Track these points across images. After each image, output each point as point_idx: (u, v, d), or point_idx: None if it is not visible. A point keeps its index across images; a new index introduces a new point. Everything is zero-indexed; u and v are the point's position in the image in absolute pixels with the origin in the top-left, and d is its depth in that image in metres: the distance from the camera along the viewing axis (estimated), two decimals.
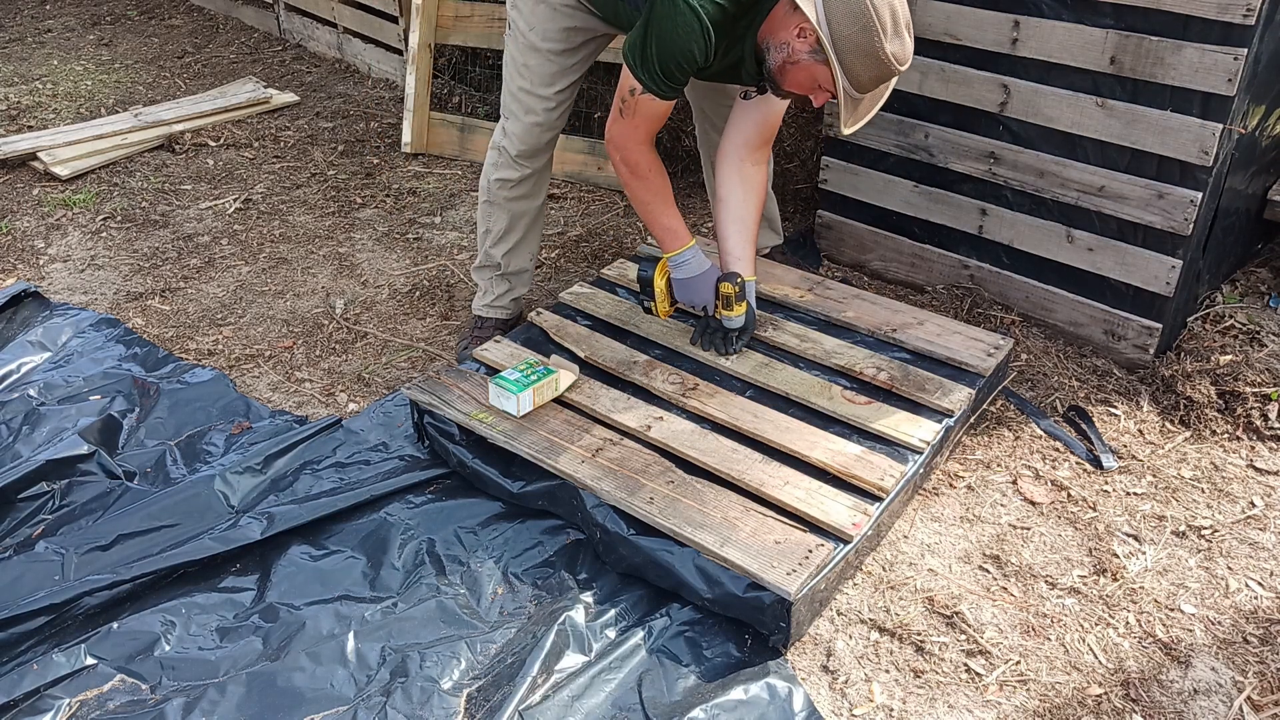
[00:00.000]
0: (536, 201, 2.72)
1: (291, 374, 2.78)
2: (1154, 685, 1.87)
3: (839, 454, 2.15)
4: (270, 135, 4.29)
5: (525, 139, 2.56)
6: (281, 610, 2.02)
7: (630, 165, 2.30)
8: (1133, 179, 2.51)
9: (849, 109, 2.03)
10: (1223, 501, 2.29)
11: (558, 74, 2.49)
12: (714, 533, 1.96)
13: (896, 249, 3.05)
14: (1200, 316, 2.76)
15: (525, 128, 2.55)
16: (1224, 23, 2.24)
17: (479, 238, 2.77)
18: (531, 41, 2.47)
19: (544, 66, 2.48)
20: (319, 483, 2.35)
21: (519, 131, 2.56)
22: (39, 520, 2.25)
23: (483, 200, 2.71)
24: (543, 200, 2.75)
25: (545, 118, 2.53)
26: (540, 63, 2.48)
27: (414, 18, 4.02)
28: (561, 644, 1.90)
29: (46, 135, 4.13)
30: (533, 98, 2.51)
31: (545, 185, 2.73)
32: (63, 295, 3.16)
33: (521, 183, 2.64)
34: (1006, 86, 2.63)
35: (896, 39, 1.97)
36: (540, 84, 2.50)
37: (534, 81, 2.50)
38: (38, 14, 6.02)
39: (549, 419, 2.28)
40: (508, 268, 2.77)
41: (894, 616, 2.01)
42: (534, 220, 2.76)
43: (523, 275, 2.82)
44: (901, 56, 1.99)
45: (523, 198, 2.68)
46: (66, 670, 1.89)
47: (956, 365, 2.44)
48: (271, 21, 5.49)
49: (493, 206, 2.70)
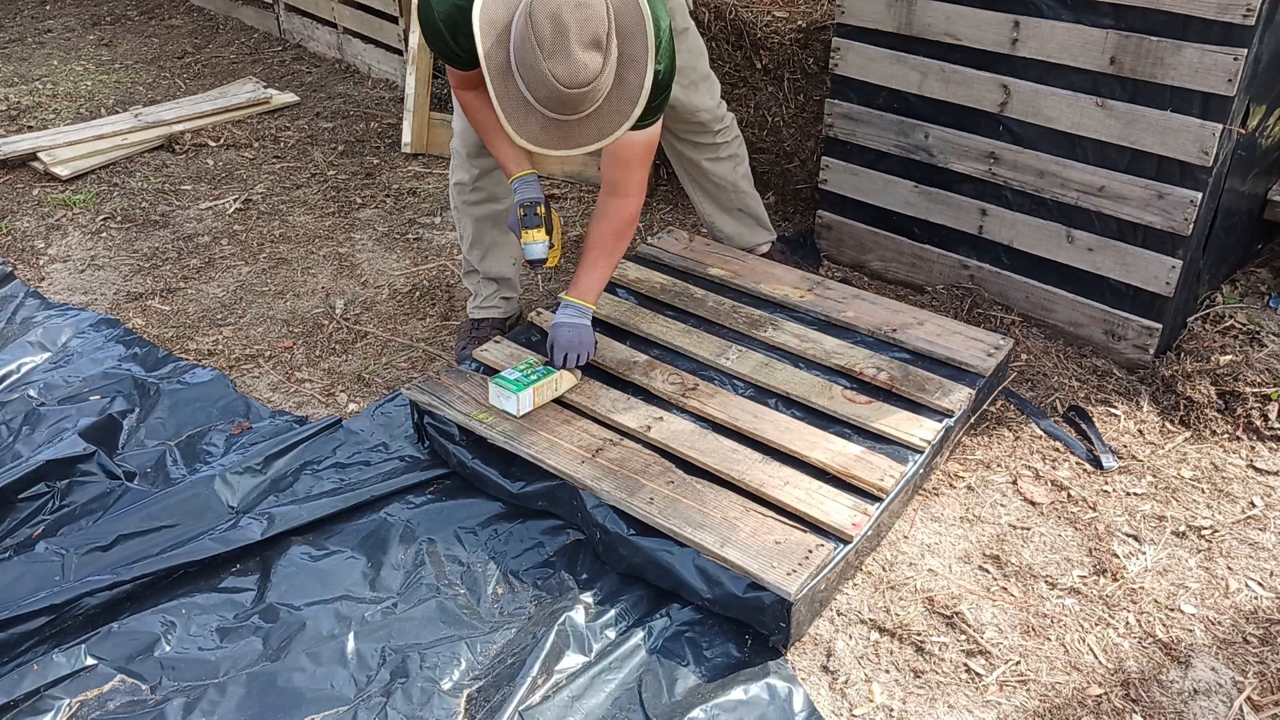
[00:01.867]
0: (499, 206, 2.67)
1: (291, 374, 2.78)
2: (1154, 685, 1.87)
3: (839, 454, 2.15)
4: (270, 135, 4.29)
5: (466, 136, 2.56)
6: (281, 610, 2.02)
7: (462, 103, 2.35)
8: (1133, 179, 2.51)
9: (509, 114, 1.96)
10: (1223, 501, 2.29)
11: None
12: (714, 533, 1.96)
13: (896, 249, 3.05)
14: (1200, 316, 2.76)
15: (465, 125, 2.54)
16: (1224, 23, 2.24)
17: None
18: None
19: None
20: (319, 483, 2.35)
21: (461, 128, 2.56)
22: (39, 520, 2.25)
23: (451, 207, 2.74)
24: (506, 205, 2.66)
25: None
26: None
27: (414, 18, 4.02)
28: (561, 644, 1.90)
29: (46, 135, 4.13)
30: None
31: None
32: (63, 295, 3.16)
33: (476, 187, 2.62)
34: (1006, 86, 2.63)
35: (561, 56, 1.86)
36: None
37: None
38: (38, 14, 6.02)
39: (549, 419, 2.28)
40: (487, 272, 2.76)
41: (894, 616, 2.01)
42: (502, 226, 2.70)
43: (506, 280, 2.79)
44: (562, 76, 1.87)
45: (481, 203, 2.65)
46: (66, 670, 1.89)
47: (957, 365, 2.44)
48: (271, 21, 5.49)
49: (457, 213, 2.71)
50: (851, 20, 2.84)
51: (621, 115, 1.99)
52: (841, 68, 2.92)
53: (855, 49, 2.87)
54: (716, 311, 2.67)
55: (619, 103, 1.99)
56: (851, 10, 2.83)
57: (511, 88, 1.96)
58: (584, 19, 1.86)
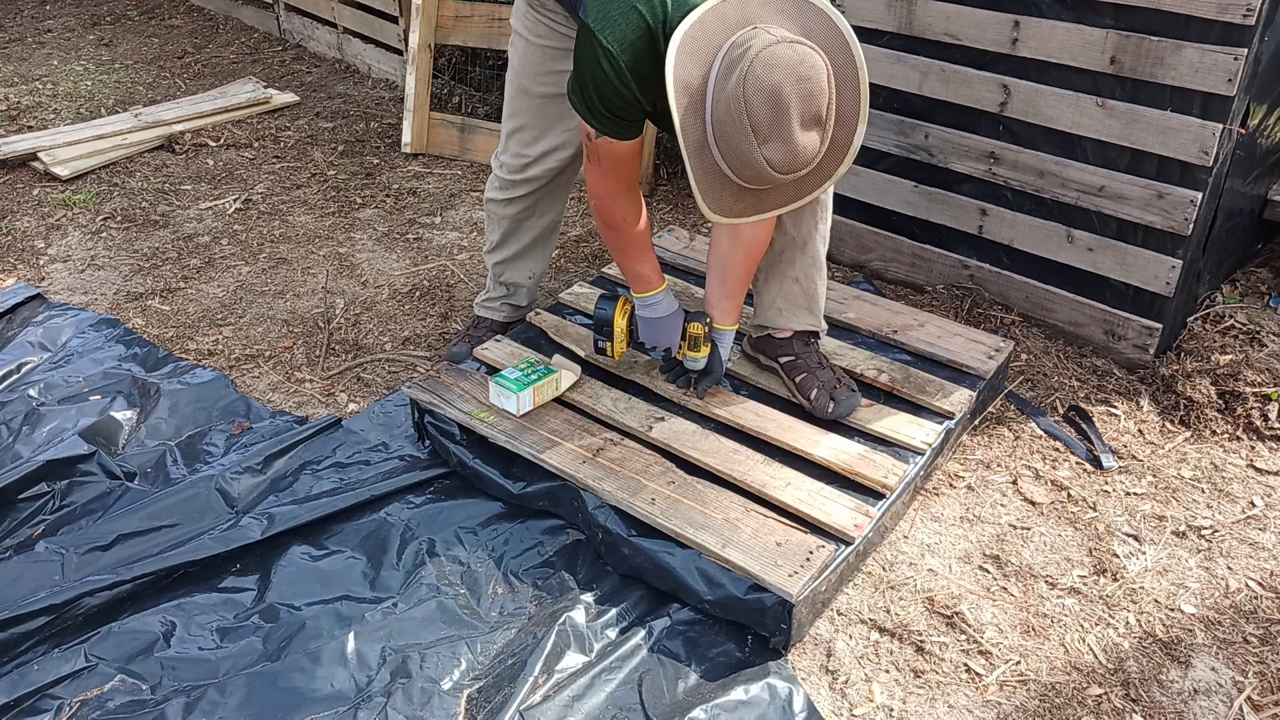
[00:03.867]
0: (538, 220, 2.59)
1: (291, 374, 2.78)
2: (1154, 685, 1.87)
3: (842, 452, 2.16)
4: (270, 135, 4.29)
5: (513, 170, 2.46)
6: (282, 610, 2.01)
7: (604, 216, 2.13)
8: (1133, 179, 2.51)
9: (704, 189, 1.76)
10: (1223, 501, 2.29)
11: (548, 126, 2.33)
12: (715, 534, 1.96)
13: (896, 249, 3.05)
14: (1200, 316, 2.76)
15: (514, 166, 2.45)
16: (1224, 23, 2.24)
17: None
18: (522, 84, 2.31)
19: (534, 113, 2.33)
20: (319, 483, 2.35)
21: (510, 163, 2.46)
22: (39, 520, 2.25)
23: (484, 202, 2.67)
24: (548, 221, 2.61)
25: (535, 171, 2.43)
26: (531, 108, 2.33)
27: (414, 18, 4.02)
28: (562, 644, 1.90)
29: (46, 135, 4.12)
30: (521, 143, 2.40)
31: (552, 206, 2.59)
32: (63, 295, 3.16)
33: (510, 203, 2.53)
34: (1006, 86, 2.63)
35: (777, 142, 1.66)
36: (530, 136, 2.36)
37: (525, 127, 2.36)
38: (38, 14, 6.02)
39: (550, 419, 2.28)
40: (500, 276, 2.70)
41: (894, 616, 2.01)
42: (534, 241, 2.63)
43: (519, 290, 2.71)
44: (778, 163, 1.67)
45: (517, 216, 2.57)
46: (67, 670, 1.89)
47: (957, 367, 2.44)
48: (271, 21, 5.49)
49: (489, 217, 2.63)
50: (851, 20, 2.83)
51: (824, 175, 1.77)
52: None
53: None
54: None
55: (826, 163, 1.76)
56: (851, 10, 2.83)
57: (708, 162, 1.75)
58: (807, 94, 1.63)
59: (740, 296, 2.27)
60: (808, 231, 2.25)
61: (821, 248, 2.30)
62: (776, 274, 2.31)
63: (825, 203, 2.27)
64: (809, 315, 2.34)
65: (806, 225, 2.24)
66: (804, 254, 2.28)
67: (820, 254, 2.30)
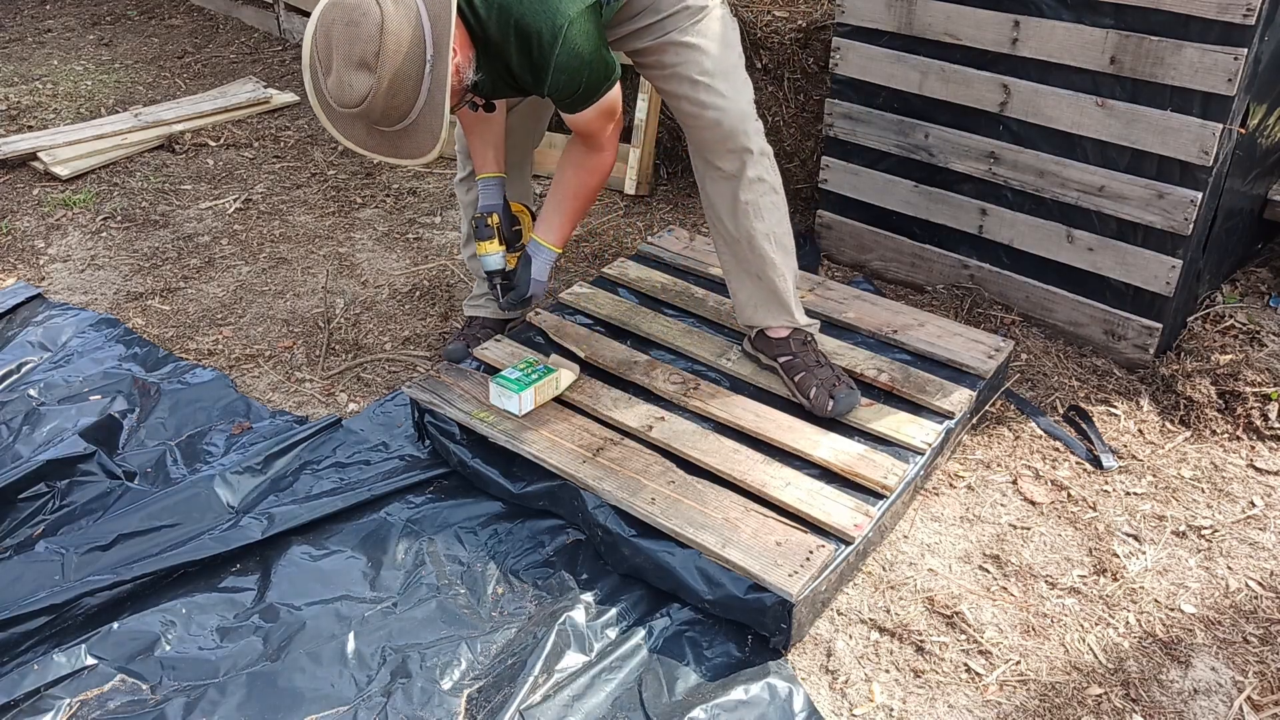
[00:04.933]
0: None
1: (291, 374, 2.78)
2: (1154, 685, 1.87)
3: (842, 452, 2.16)
4: (270, 135, 4.29)
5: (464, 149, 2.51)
6: (282, 610, 2.02)
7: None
8: (1133, 179, 2.51)
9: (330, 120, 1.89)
10: (1223, 501, 2.29)
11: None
12: (715, 534, 1.96)
13: (896, 249, 3.05)
14: (1200, 316, 2.76)
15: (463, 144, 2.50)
16: (1224, 23, 2.24)
17: None
18: None
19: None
20: (319, 483, 2.35)
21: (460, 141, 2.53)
22: (39, 520, 2.25)
23: None
24: None
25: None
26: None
27: None
28: (562, 644, 1.90)
29: (46, 135, 4.12)
30: None
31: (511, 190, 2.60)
32: (63, 295, 3.16)
33: (464, 181, 2.60)
34: (1006, 86, 2.63)
35: (328, 75, 1.80)
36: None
37: None
38: (38, 14, 6.02)
39: (550, 418, 2.28)
40: (475, 271, 2.73)
41: (894, 616, 2.01)
42: None
43: None
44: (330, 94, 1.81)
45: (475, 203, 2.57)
46: (67, 670, 1.89)
47: (957, 367, 2.44)
48: (271, 21, 5.49)
49: (461, 210, 2.69)
50: (851, 20, 2.84)
51: (433, 134, 1.88)
52: (841, 67, 2.92)
53: (855, 49, 2.87)
54: (718, 311, 2.67)
55: (429, 118, 1.87)
56: (851, 10, 2.83)
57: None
58: (354, 37, 1.77)
59: (567, 216, 2.28)
60: (746, 230, 2.29)
61: (770, 248, 2.31)
62: (735, 271, 2.38)
63: (761, 205, 2.28)
64: (783, 313, 2.37)
65: (743, 224, 2.28)
66: (752, 251, 2.31)
67: (770, 254, 2.31)
